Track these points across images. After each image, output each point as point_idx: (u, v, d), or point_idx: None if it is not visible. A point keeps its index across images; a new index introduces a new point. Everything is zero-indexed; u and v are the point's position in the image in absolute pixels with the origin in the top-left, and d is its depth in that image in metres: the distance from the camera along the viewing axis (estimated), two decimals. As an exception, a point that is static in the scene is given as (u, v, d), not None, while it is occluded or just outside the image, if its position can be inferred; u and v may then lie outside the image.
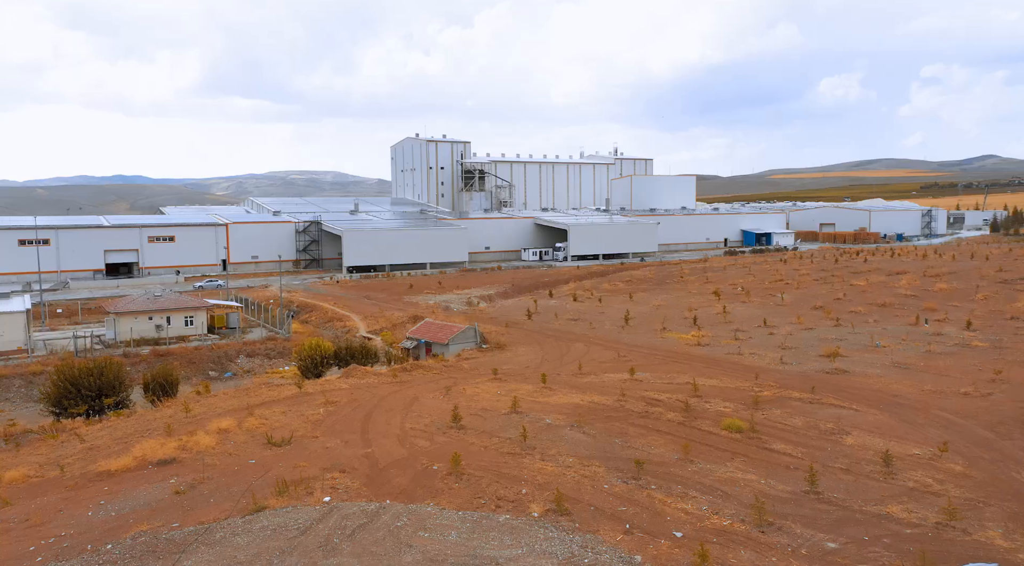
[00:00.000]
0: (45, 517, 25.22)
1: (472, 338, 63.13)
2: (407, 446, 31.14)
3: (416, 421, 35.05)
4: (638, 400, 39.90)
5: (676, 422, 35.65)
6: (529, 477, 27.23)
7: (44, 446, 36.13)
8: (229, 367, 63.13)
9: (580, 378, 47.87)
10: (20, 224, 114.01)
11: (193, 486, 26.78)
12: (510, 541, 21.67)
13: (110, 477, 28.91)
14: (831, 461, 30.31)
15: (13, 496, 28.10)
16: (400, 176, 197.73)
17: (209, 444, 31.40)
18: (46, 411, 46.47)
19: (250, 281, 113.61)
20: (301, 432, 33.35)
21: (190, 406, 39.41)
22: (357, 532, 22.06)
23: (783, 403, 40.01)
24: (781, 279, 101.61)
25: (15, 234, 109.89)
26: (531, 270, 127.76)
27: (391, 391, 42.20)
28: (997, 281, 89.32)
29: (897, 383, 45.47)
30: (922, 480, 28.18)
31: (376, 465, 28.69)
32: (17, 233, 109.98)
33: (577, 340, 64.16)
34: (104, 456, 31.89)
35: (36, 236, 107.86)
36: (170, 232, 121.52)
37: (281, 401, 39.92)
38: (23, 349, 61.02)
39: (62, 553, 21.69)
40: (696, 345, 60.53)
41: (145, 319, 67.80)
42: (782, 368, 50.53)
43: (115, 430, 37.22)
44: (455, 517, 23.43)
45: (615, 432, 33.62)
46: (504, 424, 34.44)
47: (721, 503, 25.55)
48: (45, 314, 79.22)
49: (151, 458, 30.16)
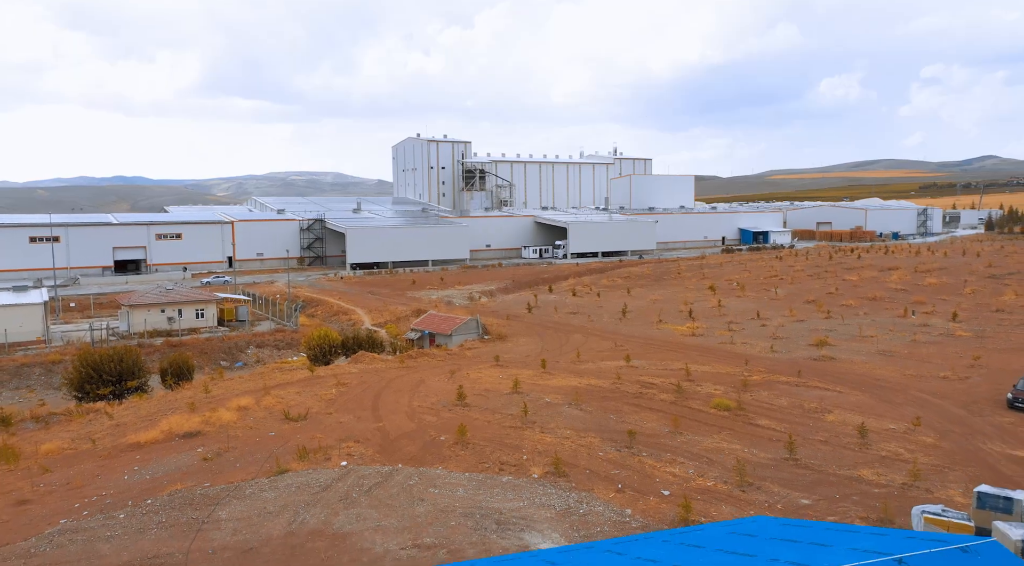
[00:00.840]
0: (84, 481, 27.39)
1: (474, 329, 65.30)
2: (416, 421, 33.34)
3: (423, 400, 37.25)
4: (633, 383, 42.08)
5: (668, 401, 37.84)
6: (529, 446, 29.43)
7: (74, 424, 38.36)
8: (239, 357, 65.32)
9: (578, 365, 50.04)
10: (31, 222, 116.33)
11: (219, 454, 28.98)
12: (512, 496, 23.89)
13: (140, 448, 31.10)
14: (811, 434, 32.50)
15: (51, 465, 30.27)
16: (401, 176, 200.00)
17: (230, 419, 33.59)
18: (68, 396, 48.67)
19: (255, 277, 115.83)
20: (316, 409, 35.56)
21: (209, 388, 41.64)
22: (373, 489, 24.28)
23: (771, 386, 42.18)
24: (776, 275, 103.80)
25: (26, 231, 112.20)
26: (531, 267, 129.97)
27: (398, 375, 44.42)
28: (986, 276, 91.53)
29: (881, 368, 47.64)
30: (894, 450, 30.38)
31: (387, 436, 30.90)
32: (28, 230, 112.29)
33: (576, 331, 66.33)
34: (132, 431, 34.10)
35: (51, 233, 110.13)
36: (177, 230, 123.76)
37: (295, 383, 42.13)
38: (42, 339, 63.24)
39: (105, 508, 23.89)
40: (691, 336, 62.70)
41: (157, 312, 70.00)
42: (772, 356, 52.69)
43: (139, 409, 39.44)
44: (462, 477, 25.65)
45: (610, 409, 35.82)
46: (506, 403, 36.62)
47: (706, 468, 27.77)
48: (59, 308, 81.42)
49: (177, 431, 32.35)
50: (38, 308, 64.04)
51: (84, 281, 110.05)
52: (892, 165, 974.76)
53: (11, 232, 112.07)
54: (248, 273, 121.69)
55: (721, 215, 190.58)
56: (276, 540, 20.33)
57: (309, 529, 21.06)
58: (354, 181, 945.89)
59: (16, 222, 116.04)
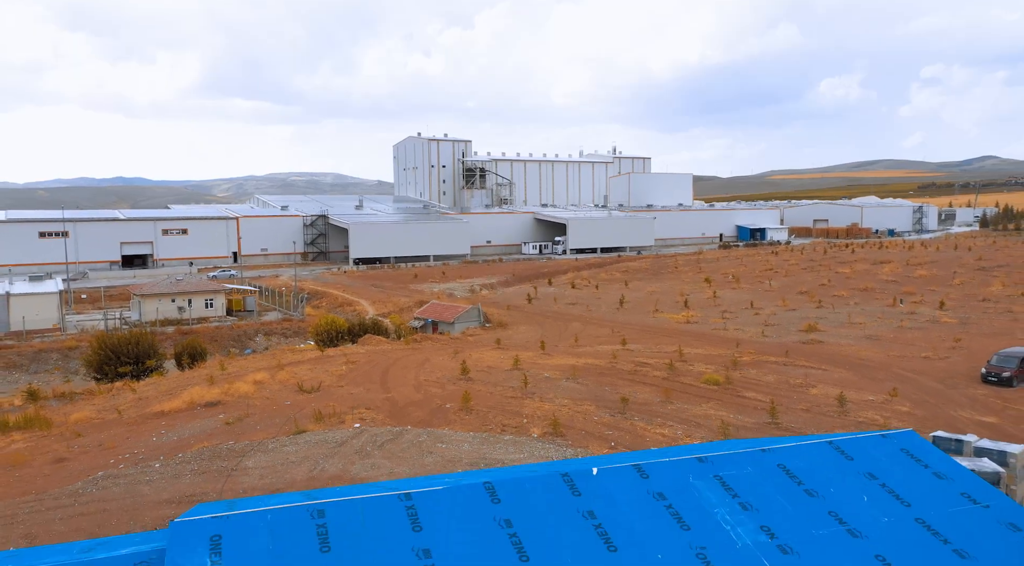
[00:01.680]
0: (116, 442, 29.49)
1: (476, 318, 67.43)
2: (422, 392, 35.46)
3: (429, 375, 39.37)
4: (628, 362, 44.18)
5: (660, 377, 39.94)
6: (529, 412, 31.54)
7: (98, 398, 40.48)
8: (248, 344, 67.43)
9: (576, 348, 52.15)
10: (40, 217, 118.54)
11: (240, 419, 31.09)
12: (513, 451, 26.01)
13: (165, 416, 33.21)
14: (794, 404, 34.61)
15: (82, 431, 32.36)
16: (402, 174, 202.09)
17: (248, 391, 35.70)
18: (88, 377, 50.78)
19: (260, 272, 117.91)
20: (328, 382, 37.67)
21: (225, 365, 43.76)
22: (386, 444, 26.40)
23: (759, 365, 44.29)
24: (771, 268, 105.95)
25: (35, 227, 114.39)
26: (531, 262, 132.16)
27: (404, 354, 46.55)
28: (975, 268, 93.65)
29: (866, 350, 49.74)
30: (870, 416, 32.50)
31: (396, 404, 33.01)
32: (37, 226, 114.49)
33: (574, 320, 68.45)
34: (156, 402, 36.21)
35: (62, 228, 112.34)
36: (183, 225, 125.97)
37: (306, 362, 44.26)
38: (57, 327, 65.37)
39: (140, 461, 26.00)
40: (686, 323, 64.82)
41: (168, 301, 72.13)
42: (763, 339, 54.80)
43: (159, 385, 41.57)
44: (467, 436, 27.78)
45: (605, 383, 37.92)
46: (507, 377, 38.72)
47: (694, 430, 29.88)
48: (71, 300, 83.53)
49: (199, 401, 34.47)
50: (54, 297, 66.18)
51: (92, 275, 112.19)
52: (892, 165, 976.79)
53: (21, 227, 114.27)
54: (253, 268, 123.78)
55: (719, 212, 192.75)
56: (300, 483, 22.43)
57: (329, 475, 23.16)
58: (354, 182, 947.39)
59: (26, 217, 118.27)
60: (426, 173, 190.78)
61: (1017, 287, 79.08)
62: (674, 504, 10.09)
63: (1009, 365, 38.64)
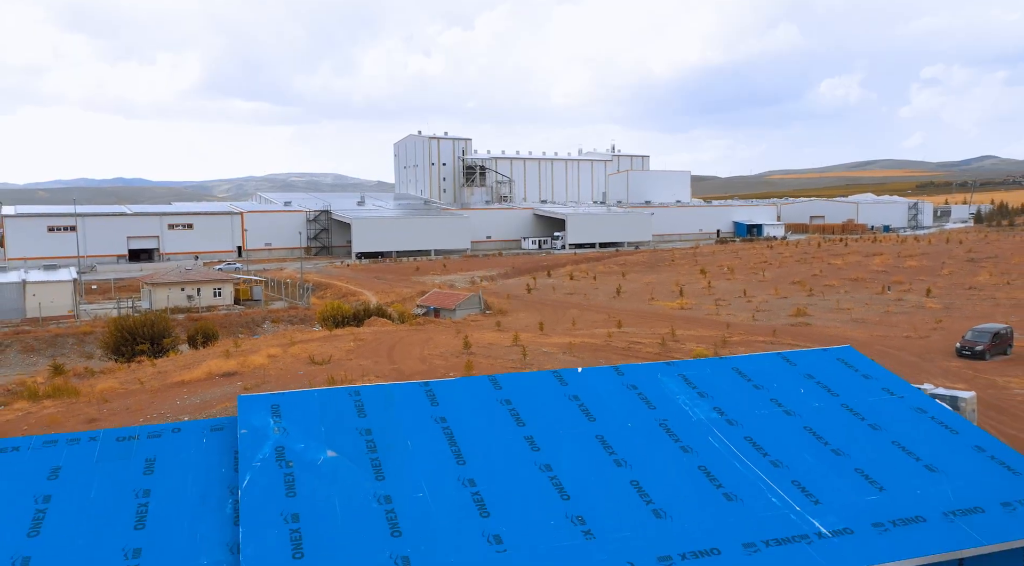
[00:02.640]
0: (143, 406, 31.68)
1: (477, 305, 69.59)
2: (427, 364, 37.65)
3: (433, 350, 41.57)
4: (622, 341, 46.41)
5: (653, 353, 42.16)
6: (528, 379, 33.70)
7: (120, 372, 42.65)
8: (256, 331, 69.56)
9: (573, 330, 54.35)
10: (49, 212, 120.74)
11: (257, 385, 33.25)
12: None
13: (185, 385, 35.39)
14: (777, 374, 36.78)
15: (109, 398, 34.55)
16: (403, 172, 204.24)
17: (263, 363, 37.89)
18: (105, 358, 52.92)
19: (265, 265, 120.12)
20: (338, 356, 39.86)
21: (238, 343, 45.93)
22: (395, 402, 28.55)
23: (747, 344, 46.47)
24: (765, 261, 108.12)
25: (44, 221, 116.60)
26: (531, 256, 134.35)
27: (409, 334, 48.75)
28: (964, 260, 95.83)
29: (851, 331, 51.91)
30: (848, 384, 34.66)
31: (403, 373, 35.18)
32: (46, 220, 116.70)
33: (572, 307, 70.62)
34: (176, 374, 38.39)
35: (71, 222, 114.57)
36: (188, 220, 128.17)
37: (315, 340, 46.44)
38: (72, 313, 67.53)
39: (168, 419, 28.15)
40: (680, 309, 67.00)
41: (178, 290, 74.28)
42: (753, 323, 56.99)
43: (177, 361, 43.75)
44: (470, 397, 29.94)
45: (600, 357, 40.09)
46: (507, 352, 40.92)
47: (681, 394, 32.03)
48: (82, 290, 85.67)
49: (216, 372, 36.64)
50: (68, 285, 68.35)
51: (100, 269, 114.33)
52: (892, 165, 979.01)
53: (30, 221, 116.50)
54: (257, 262, 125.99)
55: (716, 209, 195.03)
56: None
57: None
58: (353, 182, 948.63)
59: (35, 212, 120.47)
60: (427, 171, 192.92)
61: (1004, 276, 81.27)
62: (644, 392, 12.39)
63: (982, 339, 40.82)
